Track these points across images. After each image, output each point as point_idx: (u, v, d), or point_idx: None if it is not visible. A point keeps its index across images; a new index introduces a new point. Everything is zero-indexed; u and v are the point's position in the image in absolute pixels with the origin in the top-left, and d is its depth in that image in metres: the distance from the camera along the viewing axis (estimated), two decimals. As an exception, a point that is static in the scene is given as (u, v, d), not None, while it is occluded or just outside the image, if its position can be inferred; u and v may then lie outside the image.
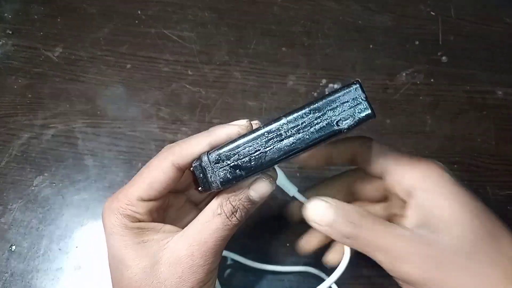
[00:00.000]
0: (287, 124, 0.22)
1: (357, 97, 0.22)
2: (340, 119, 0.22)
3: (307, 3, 0.50)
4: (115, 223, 0.24)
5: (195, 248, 0.23)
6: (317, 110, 0.22)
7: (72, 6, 0.48)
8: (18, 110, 0.42)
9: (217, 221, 0.24)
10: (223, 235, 0.24)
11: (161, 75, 0.45)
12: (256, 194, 0.24)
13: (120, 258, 0.24)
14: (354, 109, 0.22)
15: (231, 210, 0.24)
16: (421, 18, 0.50)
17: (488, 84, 0.47)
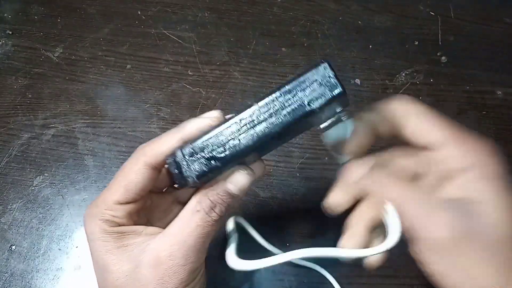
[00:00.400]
0: (259, 110, 0.22)
1: (326, 76, 0.22)
2: (311, 99, 0.22)
3: (307, 3, 0.50)
4: (95, 229, 0.24)
5: (175, 248, 0.23)
6: (288, 92, 0.22)
7: (72, 6, 0.48)
8: (18, 110, 0.42)
9: (196, 219, 0.23)
10: (204, 232, 0.23)
11: (161, 75, 0.45)
12: (234, 187, 0.23)
13: (102, 264, 0.24)
14: (324, 88, 0.21)
15: (209, 206, 0.23)
16: (421, 18, 0.50)
17: (488, 84, 0.47)
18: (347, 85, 0.45)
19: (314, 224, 0.38)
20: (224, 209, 0.24)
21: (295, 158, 0.41)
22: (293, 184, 0.39)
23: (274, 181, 0.40)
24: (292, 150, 0.41)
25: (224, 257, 0.27)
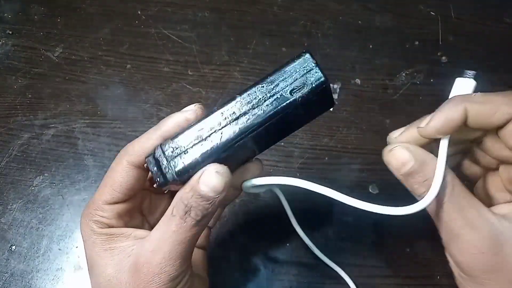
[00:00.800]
0: (241, 101, 0.21)
1: (308, 65, 0.21)
2: (293, 89, 0.21)
3: (307, 3, 0.50)
4: (85, 229, 0.24)
5: (150, 255, 0.22)
6: (270, 82, 0.21)
7: (72, 6, 0.48)
8: (18, 110, 0.42)
9: (171, 224, 0.22)
10: (180, 239, 0.22)
11: (161, 75, 0.45)
12: (206, 188, 0.21)
13: (90, 265, 0.24)
14: (306, 77, 0.21)
15: (183, 210, 0.22)
16: (421, 18, 0.50)
17: (488, 84, 0.47)
18: (347, 85, 0.46)
19: (314, 224, 0.38)
20: (201, 213, 0.22)
21: (295, 158, 0.41)
22: (293, 184, 0.39)
23: (274, 181, 0.40)
24: (292, 150, 0.41)
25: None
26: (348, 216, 0.38)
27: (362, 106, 0.44)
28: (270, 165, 0.40)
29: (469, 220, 0.21)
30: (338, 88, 0.45)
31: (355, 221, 0.38)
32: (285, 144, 0.41)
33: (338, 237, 0.37)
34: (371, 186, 0.39)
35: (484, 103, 0.22)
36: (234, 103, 0.21)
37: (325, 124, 0.43)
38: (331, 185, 0.31)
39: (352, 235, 0.38)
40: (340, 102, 0.44)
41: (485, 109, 0.21)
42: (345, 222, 0.38)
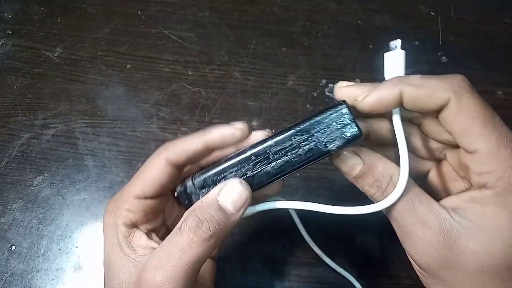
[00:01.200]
0: (275, 147, 0.21)
1: (345, 118, 0.21)
2: (328, 141, 0.21)
3: (307, 3, 0.50)
4: (108, 223, 0.23)
5: (151, 272, 0.20)
6: (305, 131, 0.21)
7: (72, 6, 0.48)
8: (18, 110, 0.42)
9: (178, 240, 0.20)
10: (186, 257, 0.20)
11: (161, 75, 0.45)
12: (227, 200, 0.20)
13: (107, 264, 0.23)
14: (341, 130, 0.21)
15: (195, 222, 0.20)
16: (421, 18, 0.50)
17: (488, 84, 0.47)
18: (347, 85, 0.45)
19: (313, 224, 0.38)
20: (214, 228, 0.20)
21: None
22: (293, 184, 0.39)
23: (274, 181, 0.40)
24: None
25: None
26: (349, 216, 0.38)
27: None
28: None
29: (420, 217, 0.21)
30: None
31: (356, 220, 0.38)
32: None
33: (339, 237, 0.37)
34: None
35: (420, 86, 0.21)
36: (267, 148, 0.22)
37: (325, 124, 0.43)
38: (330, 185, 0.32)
39: (353, 234, 0.38)
40: (340, 102, 0.44)
41: (420, 93, 0.21)
42: (345, 221, 0.38)
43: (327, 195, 0.39)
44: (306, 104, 0.44)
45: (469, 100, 0.21)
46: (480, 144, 0.20)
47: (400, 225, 0.22)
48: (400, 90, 0.21)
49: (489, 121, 0.21)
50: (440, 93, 0.21)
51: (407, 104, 0.22)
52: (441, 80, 0.21)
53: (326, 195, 0.38)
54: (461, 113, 0.21)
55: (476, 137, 0.20)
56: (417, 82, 0.21)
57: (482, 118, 0.21)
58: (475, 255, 0.20)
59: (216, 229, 0.20)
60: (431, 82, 0.21)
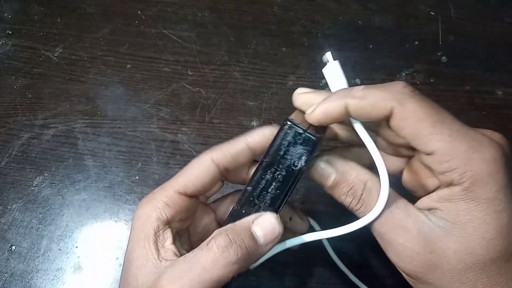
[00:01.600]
0: (254, 192, 0.23)
1: (296, 133, 0.22)
2: (294, 161, 0.22)
3: (307, 3, 0.50)
4: (142, 213, 0.23)
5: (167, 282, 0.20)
6: (270, 165, 0.22)
7: (72, 6, 0.48)
8: (18, 110, 0.42)
9: (202, 256, 0.20)
10: (207, 275, 0.19)
11: (161, 75, 0.45)
12: (260, 231, 0.21)
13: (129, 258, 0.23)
14: (300, 145, 0.22)
15: (225, 243, 0.20)
16: (421, 18, 0.50)
17: (488, 84, 0.47)
18: (347, 85, 0.46)
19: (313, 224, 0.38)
20: (241, 255, 0.20)
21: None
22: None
23: (274, 181, 0.40)
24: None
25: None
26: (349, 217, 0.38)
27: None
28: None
29: (398, 222, 0.21)
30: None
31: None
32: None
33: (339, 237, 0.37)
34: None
35: (363, 98, 0.21)
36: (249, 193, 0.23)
37: (325, 124, 0.43)
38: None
39: (353, 234, 0.37)
40: (340, 102, 0.44)
41: (364, 105, 0.21)
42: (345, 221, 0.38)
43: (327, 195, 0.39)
44: (306, 104, 0.44)
45: (412, 104, 0.21)
46: (434, 144, 0.20)
47: (379, 232, 0.22)
48: (344, 103, 0.22)
49: (437, 120, 0.21)
50: (383, 102, 0.21)
51: (354, 115, 0.22)
52: (383, 90, 0.22)
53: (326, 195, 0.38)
54: (407, 118, 0.21)
55: (428, 138, 0.20)
56: (360, 94, 0.22)
57: (429, 119, 0.20)
58: (457, 255, 0.20)
59: (243, 255, 0.20)
60: (374, 93, 0.22)
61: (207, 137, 0.42)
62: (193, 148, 0.41)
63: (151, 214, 0.23)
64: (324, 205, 0.38)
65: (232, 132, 0.42)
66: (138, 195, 0.39)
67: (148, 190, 0.39)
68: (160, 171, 0.40)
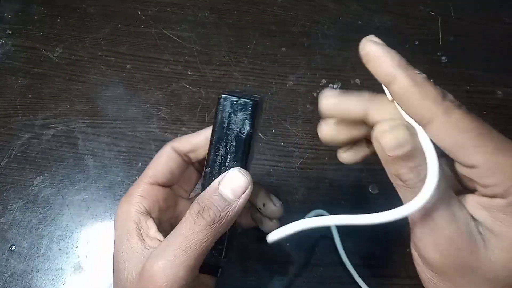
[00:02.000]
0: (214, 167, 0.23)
1: (233, 103, 0.22)
2: (239, 128, 0.23)
3: (307, 3, 0.50)
4: (121, 214, 0.24)
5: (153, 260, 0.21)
6: (220, 140, 0.23)
7: (72, 6, 0.48)
8: (18, 110, 0.42)
9: (181, 227, 0.21)
10: (187, 243, 0.20)
11: (161, 75, 0.45)
12: (227, 188, 0.21)
13: (116, 256, 0.24)
14: (241, 112, 0.23)
15: (197, 210, 0.21)
16: (421, 18, 0.50)
17: (488, 84, 0.47)
18: (347, 85, 0.46)
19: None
20: (214, 214, 0.21)
21: (295, 158, 0.41)
22: (293, 184, 0.39)
23: (274, 181, 0.40)
24: (292, 150, 0.41)
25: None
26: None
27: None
28: (270, 165, 0.40)
29: (451, 212, 0.19)
30: (338, 88, 0.45)
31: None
32: (285, 144, 0.42)
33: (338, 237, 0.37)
34: (371, 186, 0.39)
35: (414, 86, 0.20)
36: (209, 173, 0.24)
37: (325, 124, 0.43)
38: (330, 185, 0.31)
39: (352, 234, 0.38)
40: (340, 102, 0.44)
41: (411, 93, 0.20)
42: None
43: (327, 195, 0.39)
44: (306, 104, 0.44)
45: (459, 114, 0.19)
46: (477, 157, 0.19)
47: (425, 216, 0.20)
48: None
49: (482, 133, 0.19)
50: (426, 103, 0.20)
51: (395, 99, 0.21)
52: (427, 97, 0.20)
53: (325, 195, 0.38)
54: (452, 128, 0.19)
55: (472, 151, 0.19)
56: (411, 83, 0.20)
57: (474, 131, 0.19)
58: (495, 266, 0.19)
59: (216, 216, 0.21)
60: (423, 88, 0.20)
61: (207, 137, 0.42)
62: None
63: (130, 209, 0.24)
64: (324, 205, 0.37)
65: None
66: (138, 195, 0.39)
67: (148, 190, 0.39)
68: (160, 171, 0.40)
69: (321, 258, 0.36)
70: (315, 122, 0.43)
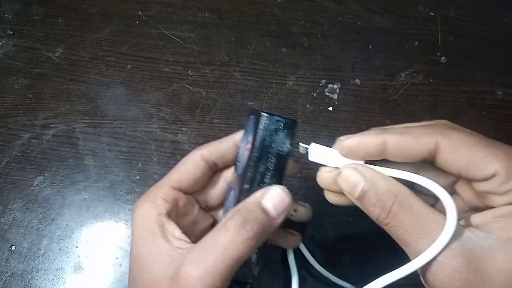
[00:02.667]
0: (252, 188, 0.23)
1: (276, 121, 0.23)
2: (280, 147, 0.23)
3: (307, 4, 0.50)
4: (142, 214, 0.24)
5: (192, 266, 0.20)
6: (261, 158, 0.23)
7: (73, 6, 0.48)
8: (19, 110, 0.42)
9: (222, 237, 0.21)
10: (228, 254, 0.20)
11: (161, 75, 0.45)
12: (270, 203, 0.22)
13: (137, 256, 0.23)
14: (282, 131, 0.23)
15: (240, 221, 0.21)
16: (421, 19, 0.50)
17: (488, 84, 0.47)
18: (347, 85, 0.46)
19: (313, 224, 0.38)
20: (257, 229, 0.21)
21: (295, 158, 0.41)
22: (293, 184, 0.40)
23: (274, 181, 0.40)
24: (292, 150, 0.41)
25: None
26: (348, 216, 0.38)
27: (362, 106, 0.44)
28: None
29: (435, 239, 0.19)
30: (338, 88, 0.45)
31: (355, 220, 0.38)
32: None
33: (337, 237, 0.38)
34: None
35: (404, 133, 0.20)
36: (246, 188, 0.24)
37: (325, 124, 0.43)
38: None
39: (352, 234, 0.38)
40: (340, 102, 0.45)
41: (405, 140, 0.20)
42: (345, 222, 0.38)
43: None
44: (306, 105, 0.44)
45: (457, 134, 0.20)
46: (494, 166, 0.19)
47: (415, 250, 0.20)
48: (383, 138, 0.21)
49: (486, 144, 0.19)
50: (426, 137, 0.20)
51: (392, 152, 0.21)
52: (424, 126, 0.21)
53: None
54: (456, 148, 0.19)
55: (484, 161, 0.19)
56: (400, 130, 0.21)
57: (479, 143, 0.19)
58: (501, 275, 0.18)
59: (259, 230, 0.21)
60: (415, 128, 0.21)
61: (207, 137, 0.42)
62: (193, 148, 0.41)
63: (152, 211, 0.24)
64: (324, 204, 0.37)
65: (232, 132, 0.42)
66: (138, 195, 0.39)
67: (148, 190, 0.39)
68: (161, 171, 0.40)
69: (321, 258, 0.36)
70: (315, 122, 0.43)
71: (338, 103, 0.44)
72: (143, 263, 0.22)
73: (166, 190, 0.25)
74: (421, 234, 0.20)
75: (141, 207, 0.24)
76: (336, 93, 0.45)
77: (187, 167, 0.26)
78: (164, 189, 0.25)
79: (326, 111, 0.44)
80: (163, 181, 0.26)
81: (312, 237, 0.37)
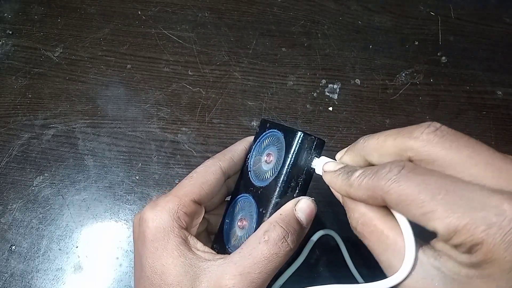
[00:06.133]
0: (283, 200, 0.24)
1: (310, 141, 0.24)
2: (310, 164, 0.24)
3: (307, 4, 0.50)
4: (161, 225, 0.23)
5: (238, 278, 0.21)
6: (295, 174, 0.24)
7: (72, 6, 0.48)
8: (19, 110, 0.42)
9: (263, 249, 0.21)
10: (271, 265, 0.21)
11: (161, 75, 0.45)
12: (303, 215, 0.22)
13: (160, 271, 0.22)
14: (313, 149, 0.24)
15: (281, 234, 0.21)
16: (421, 18, 0.50)
17: (488, 84, 0.47)
18: (347, 85, 0.46)
19: (313, 224, 0.38)
20: (296, 241, 0.22)
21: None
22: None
23: (274, 181, 0.40)
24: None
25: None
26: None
27: (362, 106, 0.44)
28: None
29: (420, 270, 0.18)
30: (338, 88, 0.45)
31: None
32: (285, 144, 0.42)
33: (337, 237, 0.38)
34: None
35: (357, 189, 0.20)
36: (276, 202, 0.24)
37: (325, 124, 0.43)
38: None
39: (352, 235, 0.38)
40: (340, 102, 0.45)
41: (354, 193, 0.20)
42: (345, 222, 0.38)
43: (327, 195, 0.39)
44: (306, 104, 0.44)
45: (399, 187, 0.18)
46: (432, 224, 0.17)
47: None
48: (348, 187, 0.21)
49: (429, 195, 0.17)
50: (368, 192, 0.19)
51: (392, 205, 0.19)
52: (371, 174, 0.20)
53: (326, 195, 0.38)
54: (397, 204, 0.18)
55: (425, 220, 0.17)
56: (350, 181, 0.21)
57: (420, 197, 0.17)
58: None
59: (297, 242, 0.22)
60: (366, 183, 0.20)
61: (207, 137, 0.42)
62: (193, 148, 0.41)
63: (173, 224, 0.23)
64: (324, 205, 0.38)
65: (232, 132, 0.42)
66: (138, 195, 0.39)
67: (148, 190, 0.39)
68: (160, 171, 0.40)
69: (321, 257, 0.36)
70: (315, 122, 0.43)
71: (338, 103, 0.44)
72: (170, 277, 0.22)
73: (188, 204, 0.24)
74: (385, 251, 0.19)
75: (159, 218, 0.23)
76: (336, 93, 0.45)
77: (209, 181, 0.24)
78: (186, 203, 0.24)
79: (326, 111, 0.44)
80: (183, 192, 0.24)
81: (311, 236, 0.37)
